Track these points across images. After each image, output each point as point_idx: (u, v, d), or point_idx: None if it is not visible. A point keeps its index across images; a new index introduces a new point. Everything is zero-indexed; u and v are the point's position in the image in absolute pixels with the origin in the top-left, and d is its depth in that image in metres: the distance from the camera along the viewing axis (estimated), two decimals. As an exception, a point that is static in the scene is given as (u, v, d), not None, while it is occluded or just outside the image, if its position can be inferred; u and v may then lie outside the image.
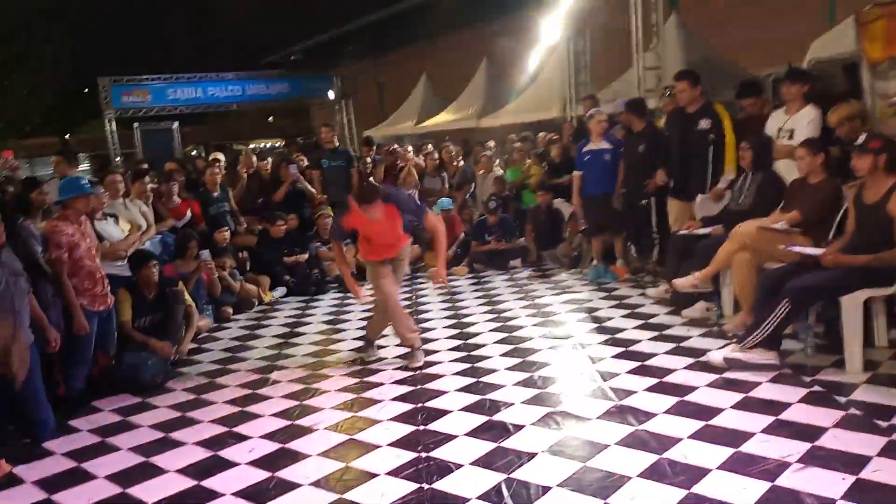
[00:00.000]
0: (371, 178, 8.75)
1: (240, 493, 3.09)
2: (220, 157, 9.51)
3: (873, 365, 3.92)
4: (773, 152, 5.28)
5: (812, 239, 4.48)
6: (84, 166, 20.50)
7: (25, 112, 29.36)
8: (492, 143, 11.06)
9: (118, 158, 16.26)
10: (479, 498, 2.87)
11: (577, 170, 6.91)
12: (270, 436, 3.69)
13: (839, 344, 3.97)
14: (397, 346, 5.17)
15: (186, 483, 3.24)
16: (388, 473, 3.15)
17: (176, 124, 18.03)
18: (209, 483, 3.22)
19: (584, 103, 8.77)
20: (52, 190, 5.24)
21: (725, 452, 3.05)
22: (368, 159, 9.07)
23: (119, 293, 4.97)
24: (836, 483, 2.74)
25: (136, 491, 3.19)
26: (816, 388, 3.70)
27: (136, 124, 17.37)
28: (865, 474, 2.78)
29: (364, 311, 6.40)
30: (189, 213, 7.00)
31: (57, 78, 30.13)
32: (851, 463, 2.87)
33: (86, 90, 26.50)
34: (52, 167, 7.66)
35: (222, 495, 3.09)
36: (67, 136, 28.68)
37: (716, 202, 5.59)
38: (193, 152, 24.40)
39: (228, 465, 3.40)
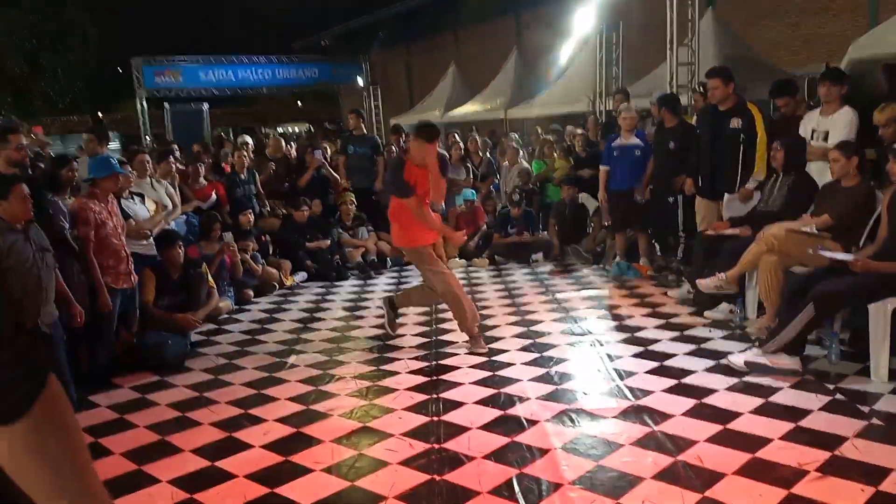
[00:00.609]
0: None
1: (252, 476, 3.11)
2: (249, 140, 9.59)
3: (900, 375, 3.84)
4: (807, 154, 5.18)
5: (842, 244, 4.37)
6: (114, 145, 20.79)
7: (59, 90, 29.87)
8: (515, 135, 10.98)
9: (147, 138, 16.45)
10: (490, 492, 2.85)
11: (605, 164, 6.83)
12: (285, 420, 3.71)
13: (865, 352, 3.88)
14: (415, 335, 5.18)
15: (201, 463, 3.27)
16: (400, 463, 3.15)
17: (206, 106, 18.19)
18: (223, 464, 3.24)
19: (615, 97, 8.67)
20: (82, 167, 5.31)
21: (742, 458, 3.00)
22: (395, 148, 9.07)
23: (144, 273, 5.03)
24: (854, 494, 2.68)
25: (150, 468, 3.23)
26: (839, 396, 3.62)
27: (166, 105, 17.56)
28: (885, 486, 2.71)
29: (382, 297, 6.42)
30: (214, 195, 7.06)
31: (91, 57, 30.59)
32: (872, 474, 2.80)
33: (119, 70, 26.81)
34: (82, 144, 7.76)
35: (235, 477, 3.11)
36: (100, 115, 29.09)
37: (744, 203, 5.49)
38: (222, 134, 24.64)
39: (243, 446, 3.42)
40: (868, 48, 7.27)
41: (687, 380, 3.97)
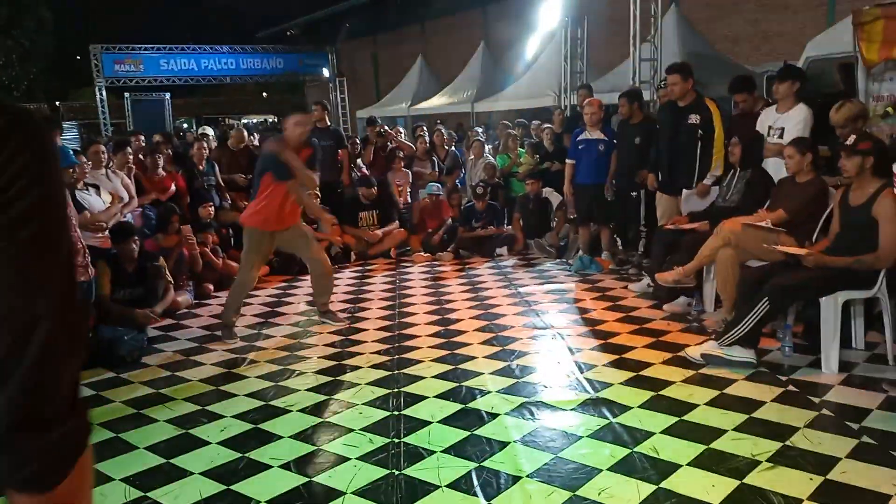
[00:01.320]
0: (359, 160, 8.72)
1: (208, 473, 3.06)
2: (209, 131, 9.43)
3: (849, 366, 3.94)
4: (763, 150, 5.28)
5: (796, 238, 4.48)
6: (72, 134, 20.28)
7: (14, 76, 28.98)
8: (480, 129, 10.99)
9: (107, 128, 16.08)
10: (449, 486, 2.86)
11: (570, 158, 6.88)
12: (243, 416, 3.66)
13: (817, 344, 3.98)
14: (377, 329, 5.16)
15: (156, 460, 3.21)
16: (359, 458, 3.13)
17: (168, 96, 17.85)
18: (178, 461, 3.19)
19: (580, 92, 8.73)
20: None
21: (697, 449, 3.05)
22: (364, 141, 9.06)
23: (98, 265, 4.91)
24: (803, 483, 2.75)
25: (103, 467, 3.15)
26: (791, 387, 3.71)
27: (126, 94, 17.19)
28: (833, 475, 2.79)
29: (346, 292, 6.39)
30: (174, 187, 6.92)
31: (48, 42, 29.72)
32: (820, 463, 2.88)
33: (78, 57, 26.16)
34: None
35: (191, 474, 3.06)
36: (57, 104, 28.34)
37: (701, 199, 5.57)
38: (184, 125, 24.19)
39: (199, 443, 3.37)
40: (824, 47, 7.43)
41: (645, 372, 4.03)
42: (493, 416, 3.51)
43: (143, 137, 8.38)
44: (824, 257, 3.96)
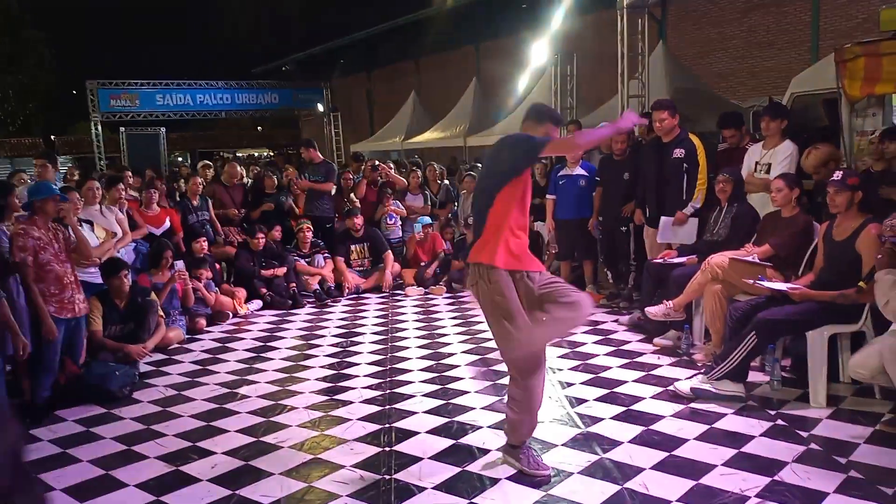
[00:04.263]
0: (353, 195, 8.79)
1: (198, 511, 3.05)
2: (210, 165, 9.51)
3: (837, 400, 3.97)
4: (750, 185, 5.38)
5: (782, 272, 4.54)
6: (64, 169, 20.35)
7: (11, 111, 29.18)
8: (478, 164, 11.10)
9: (102, 162, 16.15)
10: (439, 523, 2.86)
11: (551, 194, 6.96)
12: (234, 452, 3.66)
13: (805, 378, 4.01)
14: (370, 363, 5.17)
15: (145, 498, 3.20)
16: (350, 495, 3.13)
17: (163, 130, 17.97)
18: (168, 498, 3.18)
19: (568, 128, 8.85)
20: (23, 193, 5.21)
21: (686, 484, 3.06)
22: (351, 175, 9.15)
23: (90, 301, 4.93)
24: (792, 519, 2.77)
25: (92, 505, 3.14)
26: (780, 421, 3.73)
27: (122, 129, 17.31)
28: (822, 510, 2.81)
29: (338, 327, 6.41)
30: (168, 222, 6.96)
31: (46, 79, 30.00)
32: (808, 498, 2.90)
33: (74, 92, 26.37)
34: (34, 168, 7.61)
35: (181, 512, 3.06)
36: (53, 138, 28.49)
37: (680, 227, 5.61)
38: (179, 159, 24.31)
39: (190, 480, 3.36)
40: (808, 83, 7.60)
41: (635, 406, 4.04)
42: (485, 451, 3.52)
43: (129, 174, 8.43)
44: (810, 292, 4.01)
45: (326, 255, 8.00)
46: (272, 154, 23.92)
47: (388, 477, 3.28)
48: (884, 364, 3.46)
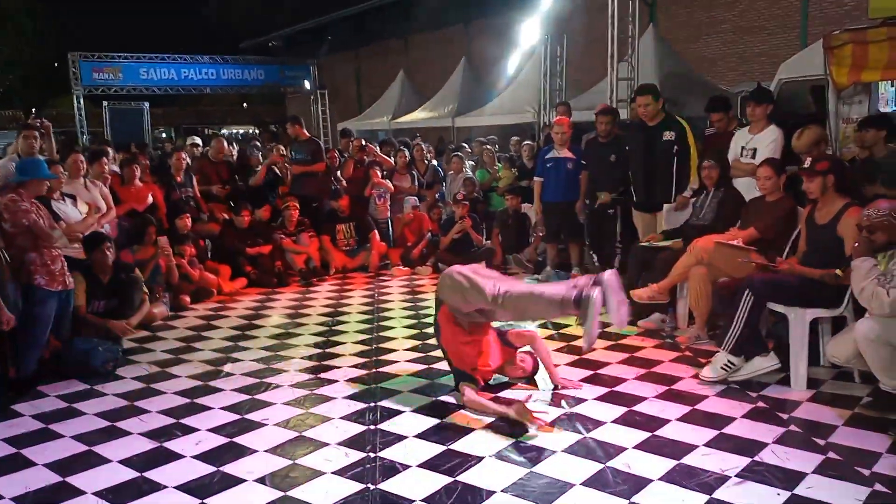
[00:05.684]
0: (339, 173, 8.73)
1: (182, 487, 3.05)
2: (198, 141, 9.39)
3: (817, 383, 4.03)
4: (736, 170, 5.40)
5: (767, 256, 4.56)
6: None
7: (-8, 83, 28.63)
8: (465, 146, 11.07)
9: (84, 137, 15.91)
10: (424, 500, 2.87)
11: (538, 176, 6.96)
12: (218, 429, 3.65)
13: (786, 361, 4.06)
14: (356, 342, 5.17)
15: (129, 474, 3.19)
16: (335, 472, 3.14)
17: (147, 105, 17.72)
18: (152, 475, 3.17)
19: (558, 109, 8.83)
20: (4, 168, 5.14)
21: (668, 464, 3.10)
22: (343, 153, 9.08)
23: (74, 277, 4.87)
24: (771, 498, 2.81)
25: (75, 480, 3.13)
26: (761, 403, 3.78)
27: (105, 103, 17.04)
28: (800, 490, 2.85)
29: (324, 305, 6.39)
30: (151, 198, 6.87)
31: (27, 50, 29.41)
32: (788, 479, 2.94)
33: (56, 65, 25.90)
34: (16, 140, 7.43)
35: (164, 488, 3.05)
36: (33, 111, 28.00)
37: (682, 211, 5.65)
38: (163, 135, 24.02)
39: (173, 457, 3.35)
40: (796, 69, 7.63)
41: (619, 388, 4.08)
42: (469, 430, 3.53)
43: (111, 150, 8.25)
44: (797, 266, 4.05)
45: (312, 234, 7.95)
46: (258, 131, 23.67)
47: (372, 455, 3.30)
48: (859, 349, 3.50)
